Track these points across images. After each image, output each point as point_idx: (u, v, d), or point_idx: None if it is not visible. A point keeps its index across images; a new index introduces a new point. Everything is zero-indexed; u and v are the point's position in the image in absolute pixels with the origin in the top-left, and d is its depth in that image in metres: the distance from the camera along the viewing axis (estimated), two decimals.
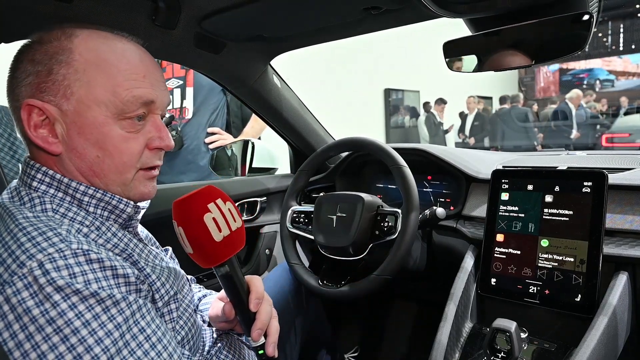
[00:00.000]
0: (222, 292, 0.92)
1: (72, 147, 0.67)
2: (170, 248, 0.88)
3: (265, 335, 0.74)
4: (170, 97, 2.12)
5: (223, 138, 2.06)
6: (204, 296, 0.98)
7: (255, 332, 0.72)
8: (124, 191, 0.71)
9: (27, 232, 0.59)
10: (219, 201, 0.67)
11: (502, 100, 8.15)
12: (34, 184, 0.67)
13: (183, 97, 2.09)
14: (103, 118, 0.66)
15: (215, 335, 0.89)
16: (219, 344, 0.87)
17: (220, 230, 0.65)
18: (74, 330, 0.55)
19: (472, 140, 8.32)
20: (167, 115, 1.94)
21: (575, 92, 8.07)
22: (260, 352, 0.74)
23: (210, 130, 2.06)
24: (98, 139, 0.67)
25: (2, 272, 0.57)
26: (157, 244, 0.88)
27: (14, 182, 0.71)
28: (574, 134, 7.62)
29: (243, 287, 0.73)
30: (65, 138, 0.67)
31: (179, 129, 2.04)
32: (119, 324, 0.58)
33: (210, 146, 2.04)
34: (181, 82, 2.09)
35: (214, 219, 0.65)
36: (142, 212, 0.77)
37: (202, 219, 0.64)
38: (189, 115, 2.06)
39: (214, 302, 0.89)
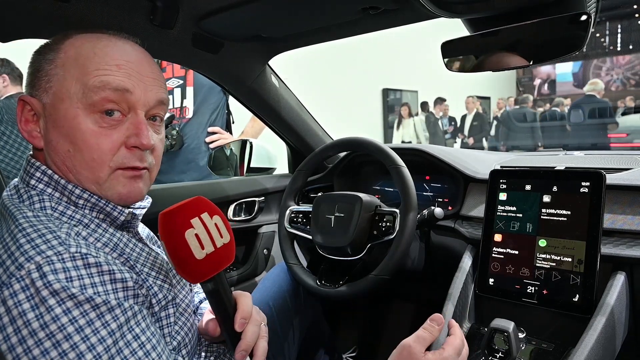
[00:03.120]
0: None
1: (48, 140, 0.68)
2: None
3: (252, 356, 0.71)
4: (170, 97, 2.12)
5: (224, 137, 2.05)
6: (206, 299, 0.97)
7: (239, 354, 0.68)
8: (99, 190, 0.68)
9: (26, 234, 0.59)
10: (205, 215, 0.63)
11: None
12: (32, 181, 0.68)
13: (183, 96, 2.08)
14: (74, 110, 0.66)
15: None
16: (216, 346, 0.87)
17: (202, 248, 0.62)
18: (66, 336, 0.54)
19: (471, 140, 8.33)
20: (168, 115, 1.94)
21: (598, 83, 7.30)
22: None
23: (210, 129, 2.06)
24: (69, 132, 0.66)
25: (0, 274, 0.56)
26: (159, 242, 0.87)
27: (15, 180, 0.71)
28: None
29: (230, 305, 0.69)
30: (43, 132, 0.69)
31: (178, 128, 2.03)
32: (113, 330, 0.57)
33: (211, 145, 2.03)
34: (181, 81, 2.09)
35: (196, 235, 0.61)
36: (143, 211, 0.77)
37: (184, 235, 0.61)
38: (189, 114, 2.06)
39: (205, 315, 0.86)
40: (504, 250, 1.03)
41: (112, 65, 0.67)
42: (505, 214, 1.05)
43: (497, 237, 1.05)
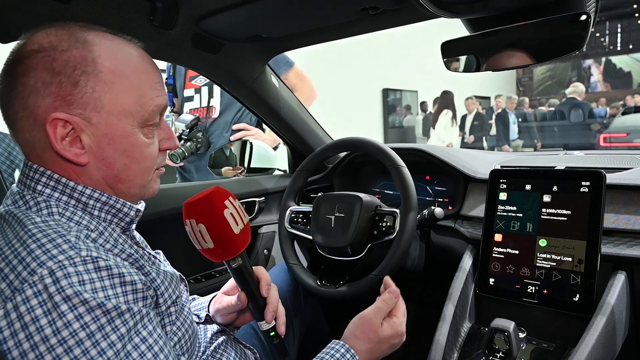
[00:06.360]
0: (226, 286, 0.94)
1: (101, 158, 0.67)
2: (160, 252, 0.88)
3: (275, 318, 0.84)
4: (197, 95, 2.08)
5: (250, 133, 1.98)
6: (193, 299, 1.00)
7: (269, 315, 0.83)
8: (141, 192, 0.74)
9: (36, 239, 0.59)
10: (230, 198, 0.75)
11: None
12: (39, 187, 0.67)
13: (210, 95, 2.03)
14: (131, 128, 0.68)
15: (209, 336, 0.90)
16: (215, 344, 0.88)
17: (237, 224, 0.73)
18: (78, 341, 0.55)
19: (471, 139, 8.34)
20: (192, 117, 1.93)
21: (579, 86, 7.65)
22: (272, 333, 0.84)
23: (235, 127, 2.00)
24: (126, 148, 0.69)
25: (13, 280, 0.57)
26: (149, 247, 0.88)
27: (14, 187, 0.70)
28: None
29: (252, 277, 0.82)
30: (93, 149, 0.67)
31: (203, 129, 1.98)
32: (122, 335, 0.58)
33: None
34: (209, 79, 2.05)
35: (231, 214, 0.73)
36: (140, 214, 0.77)
37: (223, 214, 0.72)
38: (215, 114, 2.01)
39: (218, 297, 0.93)
40: (504, 250, 1.03)
41: (157, 83, 0.72)
42: (505, 213, 1.05)
43: (498, 237, 1.05)
